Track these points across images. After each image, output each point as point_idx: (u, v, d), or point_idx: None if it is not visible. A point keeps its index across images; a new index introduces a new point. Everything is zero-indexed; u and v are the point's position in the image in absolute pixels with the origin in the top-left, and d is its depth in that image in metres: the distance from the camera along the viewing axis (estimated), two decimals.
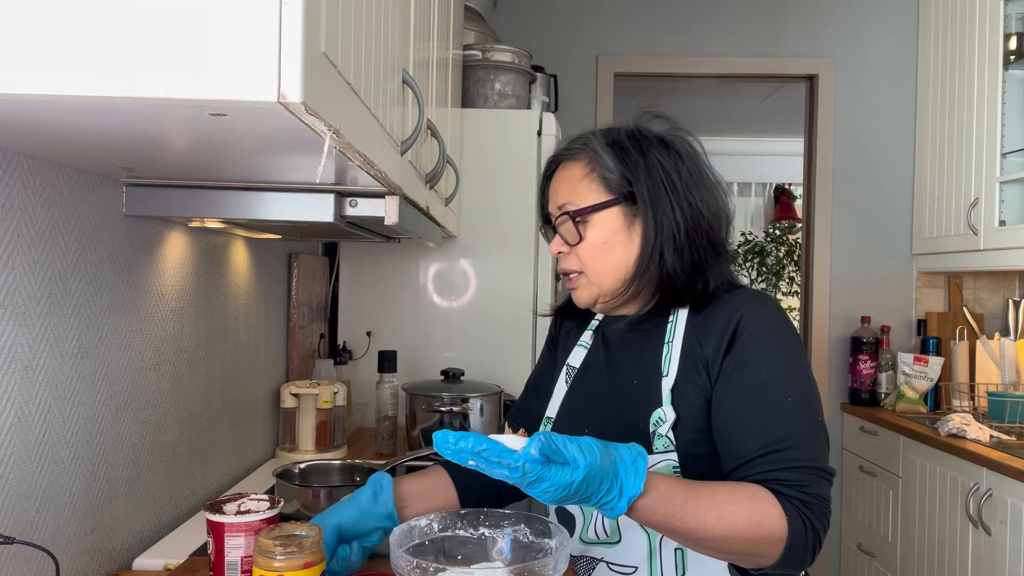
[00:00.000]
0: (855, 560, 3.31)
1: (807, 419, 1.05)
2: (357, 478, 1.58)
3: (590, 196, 1.15)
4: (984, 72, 2.86)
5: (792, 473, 1.00)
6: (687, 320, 1.14)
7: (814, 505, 1.00)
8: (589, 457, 0.88)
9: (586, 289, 1.18)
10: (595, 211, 1.14)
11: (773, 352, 1.08)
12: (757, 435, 1.03)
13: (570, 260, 1.17)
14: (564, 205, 1.16)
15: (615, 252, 1.15)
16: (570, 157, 1.19)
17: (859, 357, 3.31)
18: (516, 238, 2.40)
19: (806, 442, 1.03)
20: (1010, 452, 2.35)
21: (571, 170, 1.18)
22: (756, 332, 1.08)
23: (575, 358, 1.28)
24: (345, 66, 0.83)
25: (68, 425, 1.17)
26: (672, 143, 1.16)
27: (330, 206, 1.25)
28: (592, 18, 3.48)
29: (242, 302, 1.89)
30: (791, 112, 4.48)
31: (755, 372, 1.06)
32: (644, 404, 1.13)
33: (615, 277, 1.15)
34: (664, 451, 1.09)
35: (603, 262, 1.15)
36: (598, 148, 1.16)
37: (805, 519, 0.98)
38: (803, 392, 1.06)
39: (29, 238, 1.06)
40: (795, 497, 0.99)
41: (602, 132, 1.19)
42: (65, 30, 0.65)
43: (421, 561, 0.92)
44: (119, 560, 1.33)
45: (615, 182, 1.14)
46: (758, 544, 0.97)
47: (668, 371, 1.12)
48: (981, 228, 2.84)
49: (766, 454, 1.02)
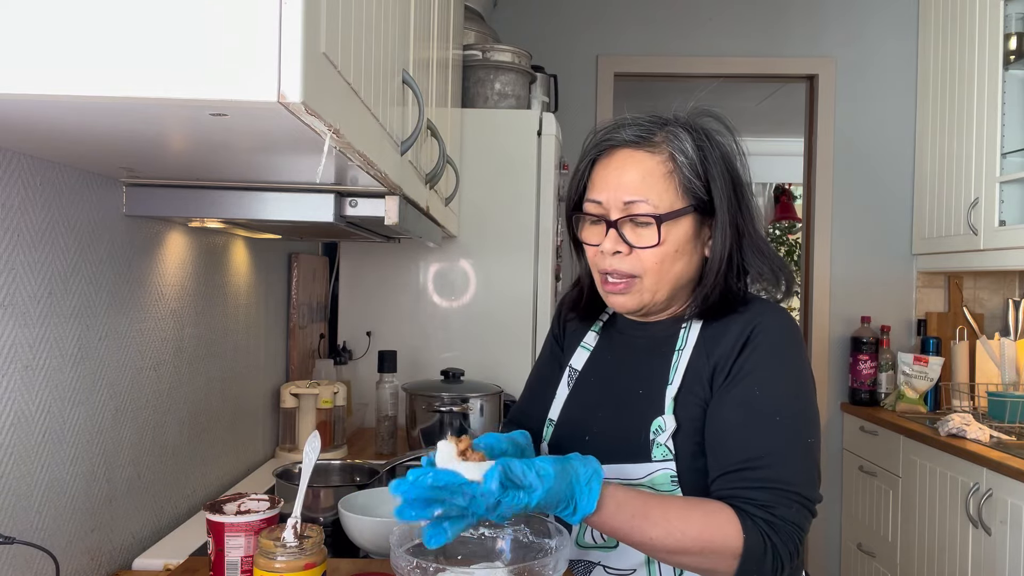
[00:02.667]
0: (855, 560, 3.31)
1: (792, 441, 1.02)
2: (357, 478, 1.58)
3: (669, 198, 1.06)
4: (984, 72, 2.86)
5: (761, 493, 0.99)
6: (700, 331, 1.12)
7: (779, 528, 0.97)
8: (547, 483, 0.91)
9: (637, 296, 1.10)
10: (679, 216, 1.07)
11: (774, 369, 1.06)
12: (737, 449, 1.02)
13: (626, 262, 1.08)
14: (638, 203, 1.06)
15: (681, 261, 1.09)
16: (643, 146, 1.08)
17: (859, 357, 3.31)
18: (516, 238, 2.40)
19: (784, 463, 1.01)
20: (1010, 452, 2.35)
21: (645, 163, 1.08)
22: (762, 345, 1.06)
23: (577, 360, 1.25)
24: (345, 66, 0.82)
25: (68, 425, 1.17)
26: (739, 152, 1.12)
27: (330, 206, 1.25)
28: (592, 18, 3.48)
29: (242, 302, 1.89)
30: (791, 112, 4.48)
31: (750, 387, 1.04)
32: (648, 412, 1.10)
33: (674, 286, 1.10)
34: (663, 460, 1.07)
35: (668, 270, 1.08)
36: (686, 148, 1.07)
37: (766, 539, 0.97)
38: (795, 414, 1.04)
39: (29, 238, 1.06)
40: (760, 517, 0.97)
41: (682, 128, 1.10)
42: (65, 30, 0.65)
43: (421, 561, 0.92)
44: (119, 560, 1.33)
45: (696, 188, 1.08)
46: (708, 559, 0.97)
47: (673, 379, 1.10)
48: (981, 228, 2.84)
49: (740, 470, 1.01)
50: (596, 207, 1.10)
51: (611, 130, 1.11)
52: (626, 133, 1.09)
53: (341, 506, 1.33)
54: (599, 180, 1.10)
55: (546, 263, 2.41)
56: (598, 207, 1.09)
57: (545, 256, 2.41)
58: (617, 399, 1.16)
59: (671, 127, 1.10)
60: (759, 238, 1.13)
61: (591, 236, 1.12)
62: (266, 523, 1.09)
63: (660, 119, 1.11)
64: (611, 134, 1.11)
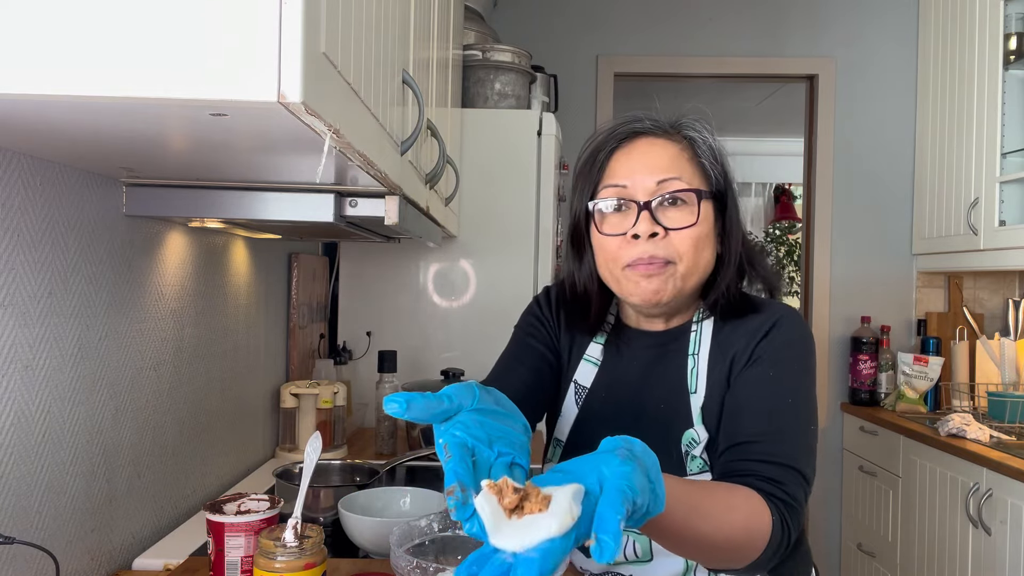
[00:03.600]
0: (855, 560, 3.31)
1: (801, 423, 1.02)
2: (357, 478, 1.58)
3: (697, 181, 1.04)
4: (984, 72, 2.86)
5: (772, 468, 0.97)
6: (712, 335, 1.10)
7: (791, 507, 0.96)
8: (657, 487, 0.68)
9: (672, 285, 1.04)
10: (709, 197, 1.04)
11: (789, 361, 1.05)
12: (749, 423, 1.01)
13: (660, 247, 1.02)
14: (672, 180, 1.02)
15: (709, 248, 1.06)
16: (664, 135, 1.07)
17: (859, 357, 3.31)
18: (516, 238, 2.40)
19: (794, 442, 1.00)
20: (1010, 452, 2.35)
21: (666, 147, 1.06)
22: (781, 336, 1.06)
23: (583, 376, 1.17)
24: (345, 66, 0.82)
25: (68, 425, 1.17)
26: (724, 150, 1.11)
27: (330, 206, 1.25)
28: (592, 18, 3.48)
29: (242, 302, 1.89)
30: (791, 112, 4.48)
31: (764, 370, 1.04)
32: (673, 425, 1.08)
33: (700, 278, 1.07)
34: (699, 472, 1.05)
35: (700, 255, 1.04)
36: (704, 136, 1.07)
37: (784, 519, 0.95)
38: (803, 402, 1.04)
39: (29, 238, 1.06)
40: (777, 497, 0.95)
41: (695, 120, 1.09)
42: (65, 30, 0.65)
43: (421, 561, 0.92)
44: (119, 560, 1.33)
45: (716, 176, 1.06)
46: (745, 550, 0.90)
47: (696, 387, 1.08)
48: (981, 228, 2.84)
49: (751, 442, 0.99)
50: (620, 191, 1.04)
51: (629, 122, 1.09)
52: (646, 123, 1.08)
53: (341, 506, 1.33)
54: (621, 166, 1.05)
55: (546, 263, 2.41)
56: (623, 191, 1.04)
57: (545, 256, 2.41)
58: (639, 414, 1.12)
59: (685, 120, 1.09)
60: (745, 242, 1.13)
61: (614, 226, 1.04)
62: (266, 523, 1.09)
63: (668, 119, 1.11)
64: (630, 124, 1.08)
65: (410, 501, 1.41)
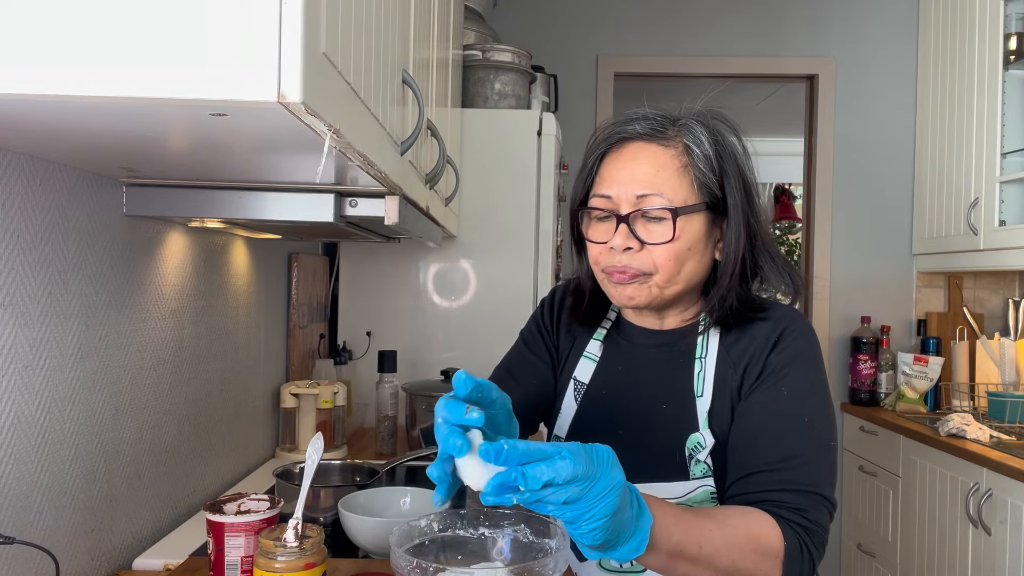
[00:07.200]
0: (855, 560, 3.31)
1: (818, 444, 1.01)
2: (357, 478, 1.58)
3: (684, 193, 1.02)
4: (984, 72, 2.86)
5: (794, 496, 0.96)
6: (720, 339, 1.09)
7: (813, 532, 0.95)
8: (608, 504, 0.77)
9: (646, 292, 1.05)
10: (693, 212, 1.03)
11: (803, 372, 1.04)
12: (767, 449, 1.00)
13: (638, 259, 1.03)
14: (651, 196, 1.02)
15: (693, 260, 1.05)
16: (656, 139, 1.05)
17: (859, 357, 3.31)
18: (516, 238, 2.40)
19: (813, 466, 0.99)
20: (1010, 452, 2.35)
21: (659, 156, 1.04)
22: (791, 347, 1.05)
23: (582, 372, 1.18)
24: (345, 66, 0.82)
25: (68, 425, 1.17)
26: (747, 154, 1.09)
27: (330, 206, 1.25)
28: (592, 18, 3.48)
29: (242, 302, 1.89)
30: (791, 112, 4.48)
31: (777, 388, 1.03)
32: (677, 427, 1.07)
33: (685, 286, 1.06)
34: (702, 476, 1.05)
35: (680, 269, 1.04)
36: (701, 141, 1.04)
37: (803, 544, 0.94)
38: (820, 417, 1.02)
39: (29, 238, 1.06)
40: (795, 522, 0.95)
41: (696, 121, 1.06)
42: (65, 30, 0.65)
43: (421, 561, 0.92)
44: (119, 560, 1.33)
45: (711, 184, 1.04)
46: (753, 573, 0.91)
47: (703, 392, 1.07)
48: (981, 228, 2.84)
49: (771, 470, 0.98)
50: (605, 202, 1.05)
51: (622, 123, 1.07)
52: (638, 126, 1.06)
53: (341, 506, 1.33)
54: (608, 174, 1.05)
55: (546, 263, 2.41)
56: (607, 202, 1.04)
57: (545, 256, 2.41)
58: (639, 414, 1.11)
59: (685, 120, 1.06)
60: (769, 241, 1.10)
61: (597, 233, 1.06)
62: (266, 523, 1.09)
63: (671, 114, 1.08)
64: (622, 127, 1.07)
65: (410, 501, 1.41)
